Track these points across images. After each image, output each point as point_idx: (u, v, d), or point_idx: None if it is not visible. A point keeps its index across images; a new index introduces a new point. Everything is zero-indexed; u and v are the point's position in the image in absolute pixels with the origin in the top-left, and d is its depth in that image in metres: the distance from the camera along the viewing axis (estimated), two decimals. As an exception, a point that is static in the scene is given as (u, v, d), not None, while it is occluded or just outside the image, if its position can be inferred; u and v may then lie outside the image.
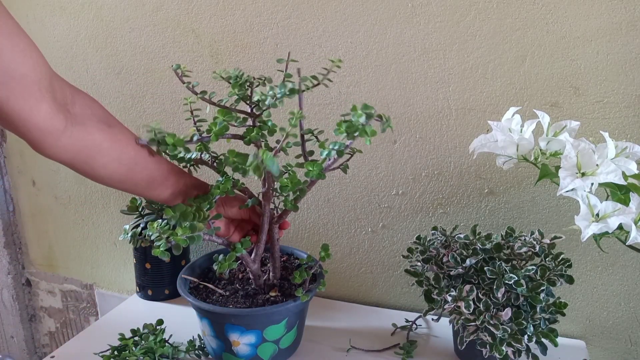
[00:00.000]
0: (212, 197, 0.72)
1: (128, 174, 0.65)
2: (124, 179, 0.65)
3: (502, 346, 0.72)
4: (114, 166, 0.63)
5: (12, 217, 1.37)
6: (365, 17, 0.92)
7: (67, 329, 1.44)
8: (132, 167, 0.64)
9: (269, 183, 0.77)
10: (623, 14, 0.79)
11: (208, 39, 1.03)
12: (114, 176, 0.63)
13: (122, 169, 0.63)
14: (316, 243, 1.07)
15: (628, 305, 0.90)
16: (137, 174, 0.65)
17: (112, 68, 1.13)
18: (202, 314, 0.80)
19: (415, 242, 0.85)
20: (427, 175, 0.96)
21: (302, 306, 0.81)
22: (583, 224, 0.65)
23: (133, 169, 0.65)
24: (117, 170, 0.63)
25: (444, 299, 0.76)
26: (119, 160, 0.63)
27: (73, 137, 0.57)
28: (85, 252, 1.32)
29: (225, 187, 0.72)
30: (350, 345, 0.90)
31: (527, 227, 0.92)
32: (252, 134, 0.72)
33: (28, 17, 1.17)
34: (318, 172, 0.70)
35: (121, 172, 0.64)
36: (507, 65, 0.86)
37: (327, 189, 1.03)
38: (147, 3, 1.06)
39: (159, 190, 0.69)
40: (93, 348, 0.88)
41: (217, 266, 0.77)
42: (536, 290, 0.73)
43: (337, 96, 0.97)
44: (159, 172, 0.68)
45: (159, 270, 1.06)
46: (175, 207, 0.69)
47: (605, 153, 0.67)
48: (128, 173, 0.64)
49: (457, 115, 0.91)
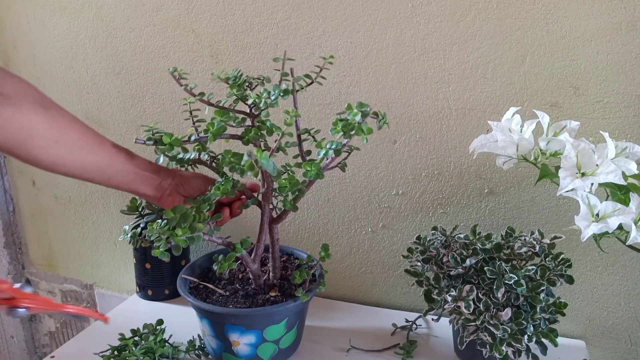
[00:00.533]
0: (212, 198, 0.72)
1: (82, 160, 0.62)
2: (80, 167, 0.62)
3: (502, 346, 0.72)
4: (56, 150, 0.59)
5: (12, 217, 1.37)
6: (365, 17, 0.91)
7: (67, 329, 1.44)
8: (80, 152, 0.62)
9: (268, 183, 0.77)
10: (623, 14, 0.79)
11: (208, 39, 1.03)
12: (62, 163, 0.60)
13: (69, 155, 0.60)
14: (316, 243, 1.07)
15: (628, 305, 0.90)
16: (92, 158, 0.63)
17: (112, 68, 1.13)
18: (202, 314, 0.80)
19: (415, 242, 0.85)
20: (427, 175, 0.96)
21: (302, 306, 0.81)
22: (583, 224, 0.65)
23: (84, 155, 0.62)
24: (64, 156, 0.60)
25: (444, 299, 0.76)
26: (59, 143, 0.59)
27: (3, 118, 0.55)
28: (85, 252, 1.32)
29: (225, 188, 0.72)
30: (350, 345, 0.90)
31: (527, 227, 0.92)
32: (250, 134, 0.72)
33: (28, 17, 1.17)
34: (316, 172, 0.70)
35: (70, 158, 0.60)
36: (507, 65, 0.86)
37: (327, 189, 1.03)
38: (147, 3, 1.06)
39: (135, 186, 0.69)
40: (93, 348, 0.88)
41: (217, 266, 0.77)
42: (536, 290, 0.73)
43: (337, 96, 0.97)
44: (121, 164, 0.66)
45: (159, 270, 1.06)
46: (175, 209, 0.69)
47: (605, 153, 0.67)
48: (80, 159, 0.62)
49: (457, 115, 0.91)
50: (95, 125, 1.18)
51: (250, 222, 1.10)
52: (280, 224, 0.81)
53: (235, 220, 1.10)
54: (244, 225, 1.11)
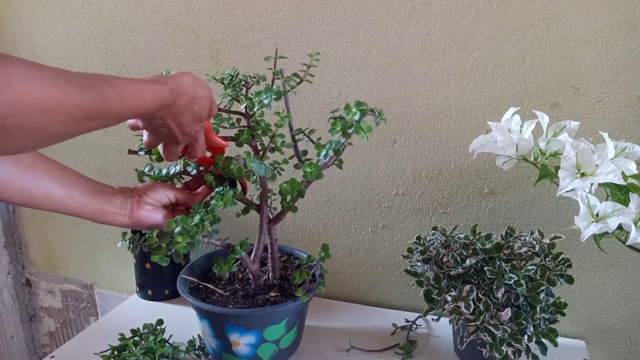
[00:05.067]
0: (215, 209, 0.71)
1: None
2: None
3: (502, 346, 0.72)
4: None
5: (12, 217, 1.37)
6: (365, 17, 0.91)
7: (67, 329, 1.44)
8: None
9: (264, 185, 0.77)
10: (623, 14, 0.79)
11: (208, 39, 1.03)
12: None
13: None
14: (316, 243, 1.07)
15: (628, 305, 0.90)
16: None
17: (112, 68, 1.13)
18: (202, 314, 0.80)
19: (415, 242, 0.85)
20: (427, 175, 0.96)
21: (302, 306, 0.81)
22: (583, 224, 0.65)
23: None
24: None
25: (444, 299, 0.76)
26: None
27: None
28: (85, 252, 1.32)
29: (227, 199, 0.72)
30: (350, 345, 0.90)
31: (527, 227, 0.92)
32: (243, 136, 0.72)
33: (28, 17, 1.17)
34: (317, 173, 0.70)
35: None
36: (507, 65, 0.86)
37: (327, 189, 1.03)
38: (147, 3, 1.06)
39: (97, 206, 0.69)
40: (93, 348, 0.88)
41: (216, 269, 0.77)
42: (536, 290, 0.73)
43: (337, 96, 0.97)
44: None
45: (159, 270, 1.06)
46: (178, 219, 0.68)
47: (604, 153, 0.67)
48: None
49: (457, 115, 0.91)
50: (95, 125, 1.18)
51: (249, 222, 1.10)
52: (280, 224, 0.81)
53: (234, 221, 1.10)
54: (243, 226, 1.11)
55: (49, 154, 0.71)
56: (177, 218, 0.68)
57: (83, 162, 1.22)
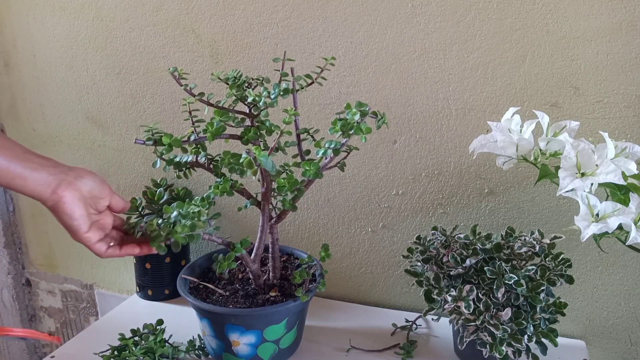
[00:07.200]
0: (211, 197, 0.72)
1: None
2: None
3: (502, 346, 0.72)
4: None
5: (12, 217, 1.37)
6: (365, 17, 0.91)
7: (67, 329, 1.44)
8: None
9: (267, 183, 0.77)
10: (623, 14, 0.79)
11: (208, 39, 1.03)
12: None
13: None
14: (316, 243, 1.07)
15: (628, 305, 0.90)
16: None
17: (112, 68, 1.13)
18: (202, 314, 0.80)
19: (415, 242, 0.85)
20: (427, 175, 0.96)
21: (302, 306, 0.81)
22: (583, 224, 0.65)
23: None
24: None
25: (444, 299, 0.76)
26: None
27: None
28: (85, 252, 1.31)
29: (224, 188, 0.72)
30: (350, 345, 0.90)
31: (527, 227, 0.92)
32: (249, 134, 0.72)
33: (28, 17, 1.17)
34: (315, 171, 0.70)
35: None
36: (507, 65, 0.86)
37: (327, 189, 1.03)
38: (147, 3, 1.06)
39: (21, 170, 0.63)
40: (93, 348, 0.88)
41: (216, 266, 0.77)
42: (536, 290, 0.73)
43: (337, 96, 0.97)
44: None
45: (159, 270, 1.06)
46: (175, 205, 0.69)
47: (604, 153, 0.67)
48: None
49: (457, 115, 0.91)
50: (95, 125, 1.19)
51: (250, 222, 1.10)
52: (280, 224, 0.81)
53: (235, 221, 1.10)
54: (243, 225, 1.11)
55: (49, 154, 0.71)
56: (174, 204, 0.69)
57: (83, 162, 1.22)
